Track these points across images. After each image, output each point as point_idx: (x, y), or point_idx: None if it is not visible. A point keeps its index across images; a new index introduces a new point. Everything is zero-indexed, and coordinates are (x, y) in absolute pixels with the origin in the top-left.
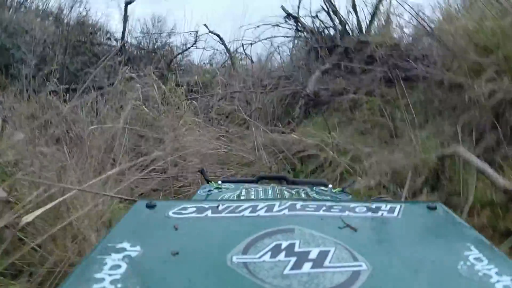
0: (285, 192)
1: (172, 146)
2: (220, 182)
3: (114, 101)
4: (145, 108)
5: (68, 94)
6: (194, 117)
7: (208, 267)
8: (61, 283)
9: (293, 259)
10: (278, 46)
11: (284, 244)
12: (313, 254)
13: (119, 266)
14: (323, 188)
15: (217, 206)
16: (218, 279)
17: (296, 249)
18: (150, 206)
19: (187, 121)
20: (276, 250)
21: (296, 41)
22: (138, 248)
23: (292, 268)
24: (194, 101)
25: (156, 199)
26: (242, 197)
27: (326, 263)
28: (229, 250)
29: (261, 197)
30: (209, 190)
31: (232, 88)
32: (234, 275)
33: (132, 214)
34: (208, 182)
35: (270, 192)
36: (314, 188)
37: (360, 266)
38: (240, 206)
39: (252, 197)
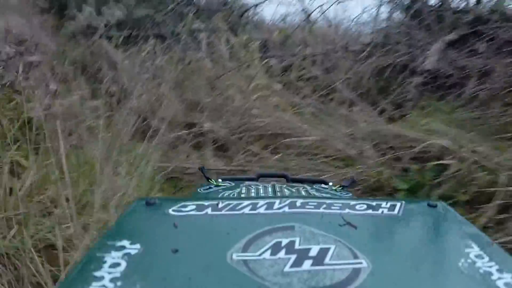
0: (285, 190)
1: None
2: (220, 180)
3: (174, 52)
4: (208, 63)
5: (128, 43)
6: (268, 80)
7: (208, 265)
8: (60, 281)
9: (293, 257)
10: (365, 8)
11: (284, 242)
12: (314, 252)
13: (118, 264)
14: (323, 185)
15: (217, 204)
16: (218, 277)
17: (296, 246)
18: (149, 204)
19: (261, 83)
20: (276, 248)
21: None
22: (137, 246)
23: (292, 266)
24: (269, 61)
25: (156, 196)
26: (242, 195)
27: (327, 260)
28: (229, 247)
29: (261, 195)
30: (209, 188)
31: (315, 50)
32: (234, 273)
33: (131, 212)
34: (208, 180)
35: (270, 189)
36: (314, 185)
37: (361, 263)
38: (240, 203)
39: (252, 194)
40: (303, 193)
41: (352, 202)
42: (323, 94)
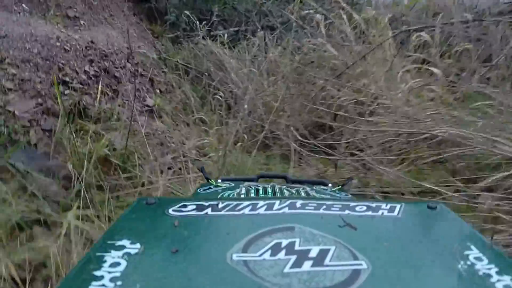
0: (285, 191)
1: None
2: (220, 180)
3: (287, 42)
4: (330, 49)
5: (234, 39)
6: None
7: (208, 265)
8: (60, 281)
9: (293, 258)
10: None
11: (284, 243)
12: (313, 253)
13: (118, 264)
14: (323, 187)
15: (217, 204)
16: (217, 277)
17: (296, 247)
18: (149, 204)
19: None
20: (276, 248)
21: None
22: (137, 245)
23: (292, 267)
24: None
25: (156, 197)
26: (242, 196)
27: (326, 261)
28: (229, 248)
29: (261, 196)
30: (209, 188)
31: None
32: (234, 273)
33: (131, 211)
34: (208, 180)
35: (270, 190)
36: (314, 187)
37: (360, 265)
38: (240, 204)
39: (252, 195)
40: (303, 194)
41: (352, 203)
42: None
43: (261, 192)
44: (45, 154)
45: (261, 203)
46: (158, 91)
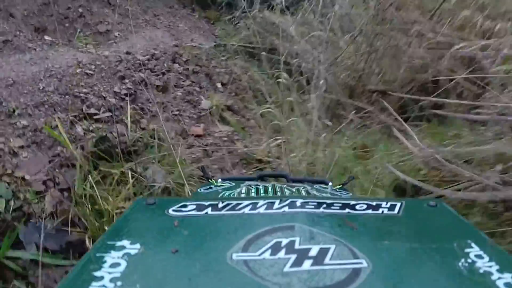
0: (286, 190)
1: None
2: (220, 180)
3: None
4: None
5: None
6: None
7: (208, 265)
8: (60, 281)
9: (293, 257)
10: None
11: (284, 242)
12: (313, 252)
13: (118, 264)
14: (323, 185)
15: (217, 204)
16: (218, 277)
17: (296, 246)
18: (149, 204)
19: None
20: (276, 248)
21: None
22: (137, 245)
23: (292, 266)
24: None
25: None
26: (242, 195)
27: (327, 260)
28: (229, 247)
29: (262, 195)
30: (209, 188)
31: None
32: (234, 273)
33: (131, 212)
34: (208, 180)
35: (270, 189)
36: (314, 185)
37: (361, 263)
38: (240, 203)
39: (252, 194)
40: (303, 193)
41: (352, 202)
42: None
43: (261, 192)
44: (63, 226)
45: (261, 202)
46: (219, 84)
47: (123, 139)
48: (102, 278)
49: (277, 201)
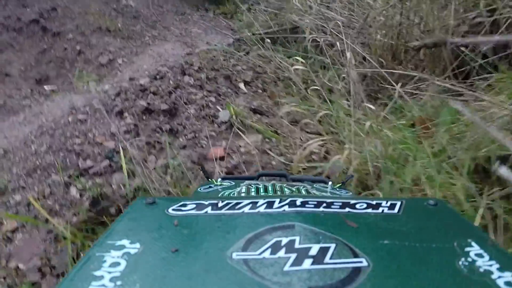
0: (286, 189)
1: None
2: (220, 179)
3: None
4: None
5: None
6: None
7: (208, 264)
8: (60, 281)
9: (293, 256)
10: None
11: (284, 241)
12: (314, 251)
13: (118, 264)
14: (323, 184)
15: (217, 203)
16: (218, 276)
17: (296, 245)
18: (149, 203)
19: None
20: (276, 247)
21: None
22: (137, 245)
23: (292, 265)
24: None
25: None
26: (242, 194)
27: (327, 259)
28: (229, 247)
29: (261, 194)
30: (209, 187)
31: None
32: (234, 272)
33: (131, 211)
34: (208, 179)
35: (270, 188)
36: (314, 184)
37: (361, 262)
38: (240, 202)
39: (252, 194)
40: (303, 192)
41: (352, 201)
42: None
43: (261, 191)
44: None
45: (261, 201)
46: (241, 85)
47: (122, 192)
48: (102, 277)
49: (277, 200)
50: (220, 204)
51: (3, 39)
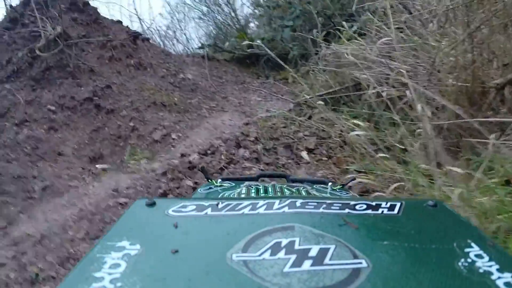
0: (286, 190)
1: None
2: (220, 180)
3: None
4: None
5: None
6: None
7: (208, 265)
8: (61, 282)
9: (293, 257)
10: None
11: (284, 242)
12: (313, 252)
13: (118, 265)
14: (323, 185)
15: (217, 204)
16: (218, 277)
17: (296, 246)
18: (149, 204)
19: None
20: (276, 248)
21: None
22: (137, 246)
23: (292, 266)
24: None
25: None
26: (242, 195)
27: (326, 260)
28: (229, 248)
29: (261, 195)
30: (209, 188)
31: None
32: (234, 273)
33: (131, 212)
34: (208, 180)
35: (270, 189)
36: (314, 185)
37: (360, 263)
38: (240, 204)
39: (252, 195)
40: (303, 193)
41: (352, 202)
42: None
43: (261, 192)
44: None
45: (261, 202)
46: (304, 153)
47: None
48: (102, 279)
49: (277, 202)
50: (220, 206)
51: (58, 118)
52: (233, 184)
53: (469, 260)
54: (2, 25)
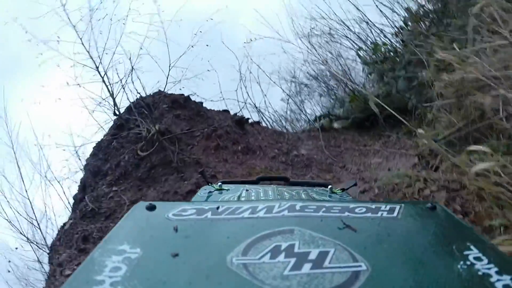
0: (285, 193)
1: None
2: (220, 183)
3: None
4: None
5: None
6: None
7: (208, 269)
8: (62, 285)
9: (292, 260)
10: None
11: (284, 245)
12: (313, 255)
13: (119, 268)
14: (323, 188)
15: (217, 208)
16: (218, 281)
17: (296, 250)
18: (149, 208)
19: None
20: (275, 251)
21: None
22: (138, 250)
23: (292, 269)
24: None
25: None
26: (242, 198)
27: (326, 263)
28: (229, 251)
29: (261, 198)
30: (210, 192)
31: None
32: (234, 277)
33: (131, 216)
34: (208, 184)
35: (270, 193)
36: (314, 189)
37: (360, 266)
38: (240, 207)
39: (253, 198)
40: (303, 196)
41: (352, 205)
42: None
43: (261, 195)
44: None
45: (260, 206)
46: None
47: None
48: (103, 282)
49: (277, 205)
50: (220, 209)
51: None
52: (233, 188)
53: (468, 262)
54: (111, 133)
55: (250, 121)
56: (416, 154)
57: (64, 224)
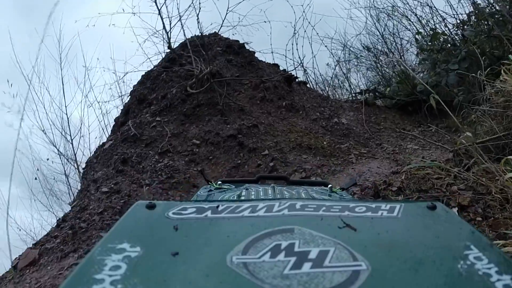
0: (285, 192)
1: None
2: (220, 182)
3: None
4: None
5: None
6: None
7: (208, 268)
8: (60, 284)
9: (292, 259)
10: None
11: (284, 244)
12: (313, 254)
13: (119, 267)
14: (323, 187)
15: (217, 207)
16: (218, 280)
17: (296, 249)
18: (149, 207)
19: None
20: (275, 250)
21: None
22: (138, 248)
23: (291, 268)
24: None
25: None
26: (242, 197)
27: (326, 263)
28: (229, 250)
29: (261, 197)
30: (210, 191)
31: None
32: (234, 276)
33: (131, 215)
34: (208, 183)
35: (270, 192)
36: (314, 188)
37: (360, 266)
38: (240, 206)
39: (252, 197)
40: (303, 195)
41: (352, 204)
42: None
43: (261, 194)
44: None
45: (260, 205)
46: (455, 210)
47: None
48: (102, 280)
49: (277, 204)
50: (220, 208)
51: (200, 152)
52: (233, 187)
53: (468, 262)
54: (161, 65)
55: (297, 80)
56: (451, 150)
57: (104, 143)
